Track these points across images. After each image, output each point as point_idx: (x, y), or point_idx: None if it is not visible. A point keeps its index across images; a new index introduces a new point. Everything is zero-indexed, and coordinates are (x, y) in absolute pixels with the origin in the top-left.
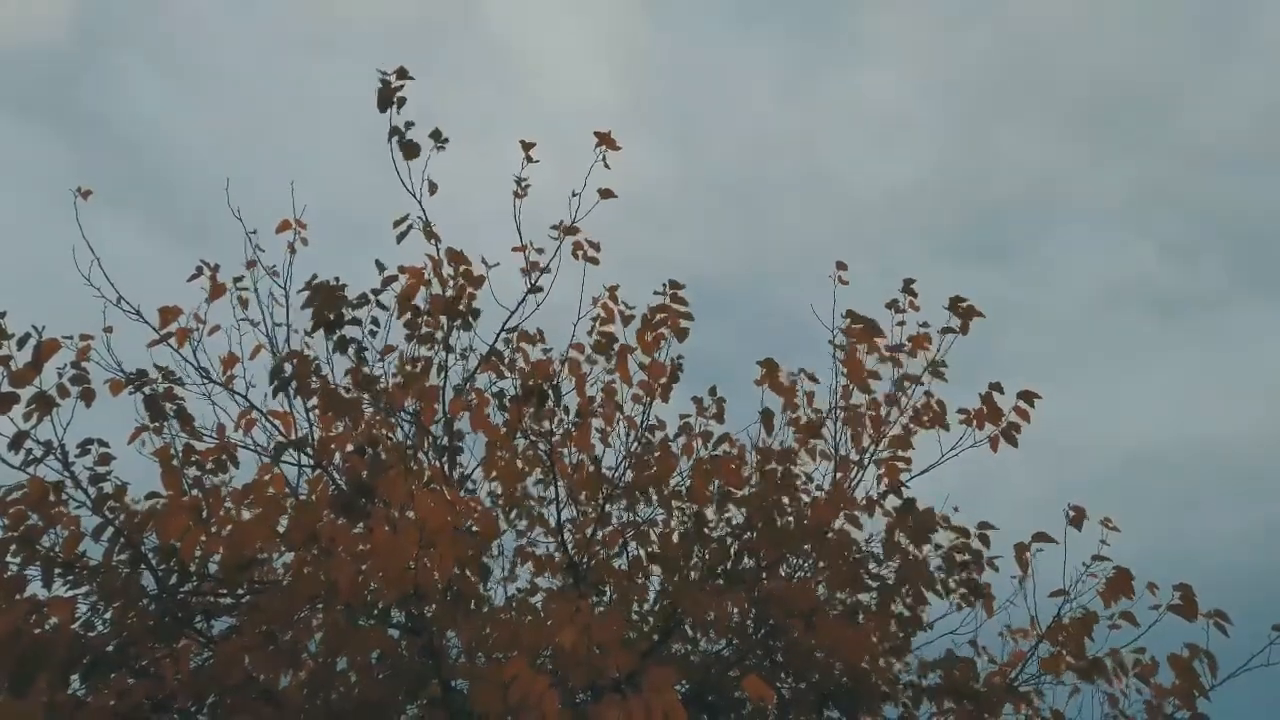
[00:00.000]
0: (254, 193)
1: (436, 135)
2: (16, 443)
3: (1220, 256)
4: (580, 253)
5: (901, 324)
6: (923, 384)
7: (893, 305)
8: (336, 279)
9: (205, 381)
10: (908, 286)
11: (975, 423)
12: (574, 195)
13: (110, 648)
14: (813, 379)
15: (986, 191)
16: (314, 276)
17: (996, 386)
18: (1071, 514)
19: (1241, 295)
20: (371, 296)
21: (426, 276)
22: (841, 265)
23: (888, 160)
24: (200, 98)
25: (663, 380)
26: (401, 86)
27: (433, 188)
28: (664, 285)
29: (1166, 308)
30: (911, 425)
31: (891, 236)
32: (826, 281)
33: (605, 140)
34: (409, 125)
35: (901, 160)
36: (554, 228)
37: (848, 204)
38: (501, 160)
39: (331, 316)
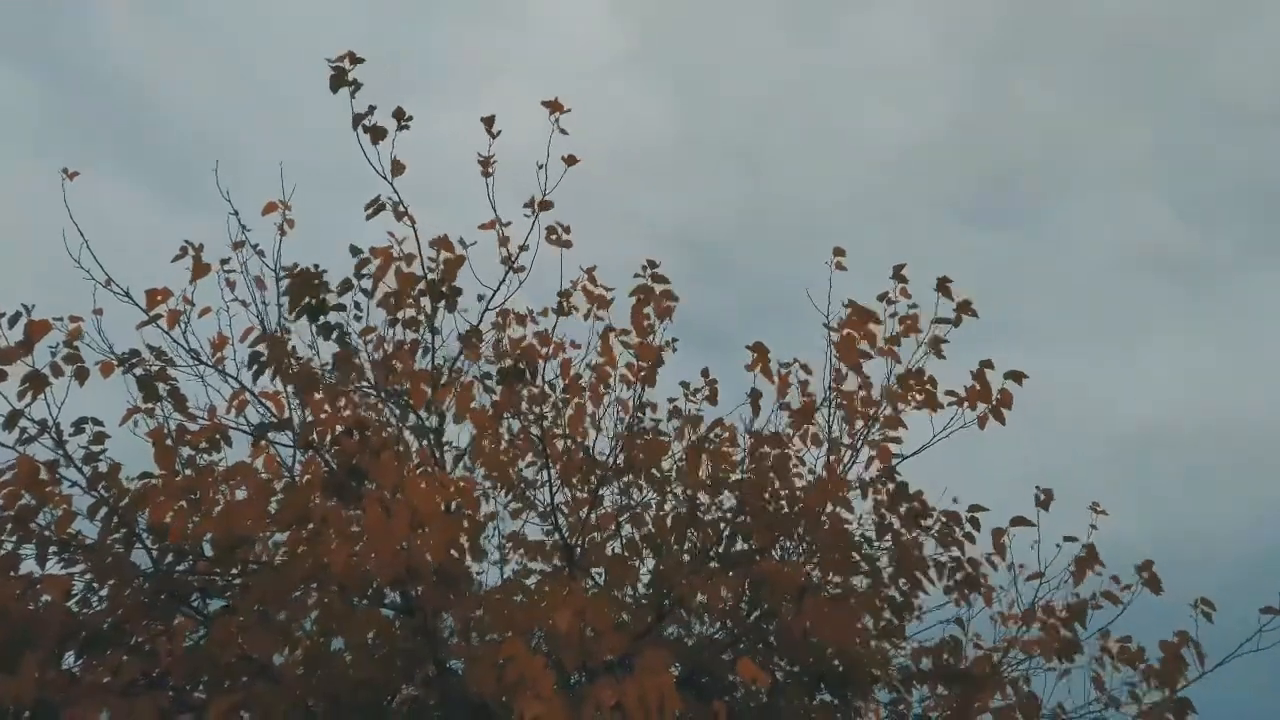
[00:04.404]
0: (230, 136)
1: (400, 115)
2: (11, 421)
3: (1242, 220)
4: (554, 237)
5: (894, 315)
6: (921, 350)
7: (884, 297)
8: (316, 266)
9: (195, 363)
10: (898, 273)
11: (968, 403)
12: (540, 168)
13: (105, 625)
14: (806, 370)
15: (1000, 150)
16: (295, 265)
17: (988, 364)
18: (1041, 496)
19: (1263, 261)
20: (355, 282)
21: (395, 254)
22: (839, 251)
23: (898, 115)
24: (176, 36)
25: (649, 363)
26: (351, 71)
27: (397, 168)
28: (643, 266)
29: (1183, 273)
30: (901, 406)
31: (900, 196)
32: (826, 254)
33: (554, 107)
34: (371, 109)
35: (912, 116)
36: (526, 205)
37: (856, 160)
38: (495, 107)
39: (313, 303)
